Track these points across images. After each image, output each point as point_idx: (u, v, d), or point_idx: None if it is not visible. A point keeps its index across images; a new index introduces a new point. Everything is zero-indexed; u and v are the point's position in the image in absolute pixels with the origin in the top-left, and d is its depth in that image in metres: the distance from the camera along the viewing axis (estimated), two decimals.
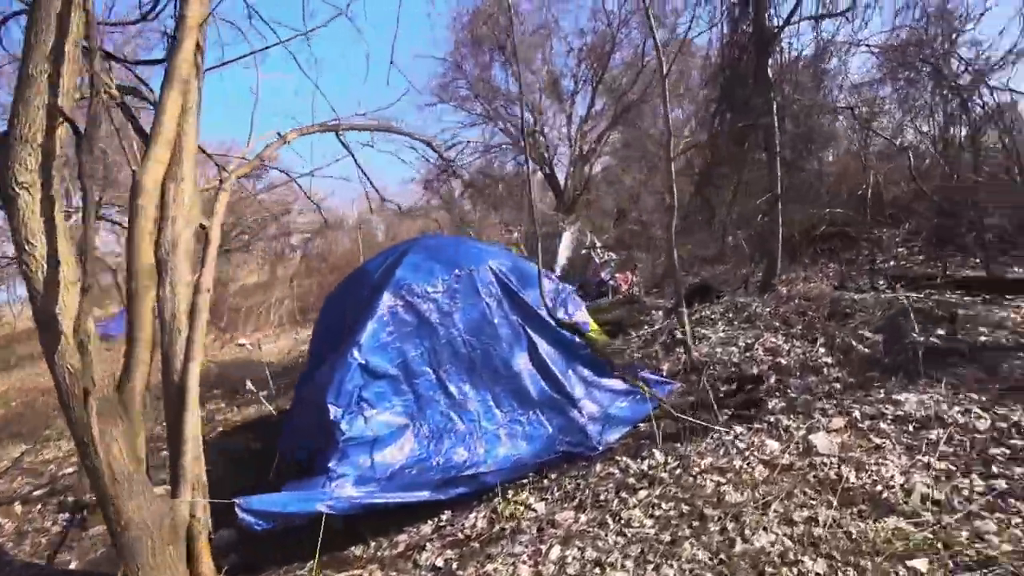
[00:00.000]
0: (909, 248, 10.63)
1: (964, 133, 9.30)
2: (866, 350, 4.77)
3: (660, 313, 7.08)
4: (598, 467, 4.02)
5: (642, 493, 3.51)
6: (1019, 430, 3.31)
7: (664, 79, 5.41)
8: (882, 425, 3.61)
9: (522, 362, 4.62)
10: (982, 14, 7.77)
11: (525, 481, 4.19)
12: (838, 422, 3.77)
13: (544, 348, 4.70)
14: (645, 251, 12.02)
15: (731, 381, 4.78)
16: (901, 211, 11.41)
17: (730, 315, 6.15)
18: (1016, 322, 5.36)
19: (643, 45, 13.30)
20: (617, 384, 4.85)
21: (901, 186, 10.01)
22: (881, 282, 8.17)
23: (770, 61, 7.70)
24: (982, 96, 8.17)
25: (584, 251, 11.47)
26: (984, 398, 3.72)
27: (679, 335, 6.14)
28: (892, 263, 10.04)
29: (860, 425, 3.67)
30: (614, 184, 13.50)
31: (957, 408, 3.63)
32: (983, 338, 4.90)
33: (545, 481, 4.12)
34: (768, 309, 5.94)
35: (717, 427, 3.98)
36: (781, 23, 7.71)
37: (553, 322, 4.58)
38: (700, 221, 9.95)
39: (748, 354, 5.14)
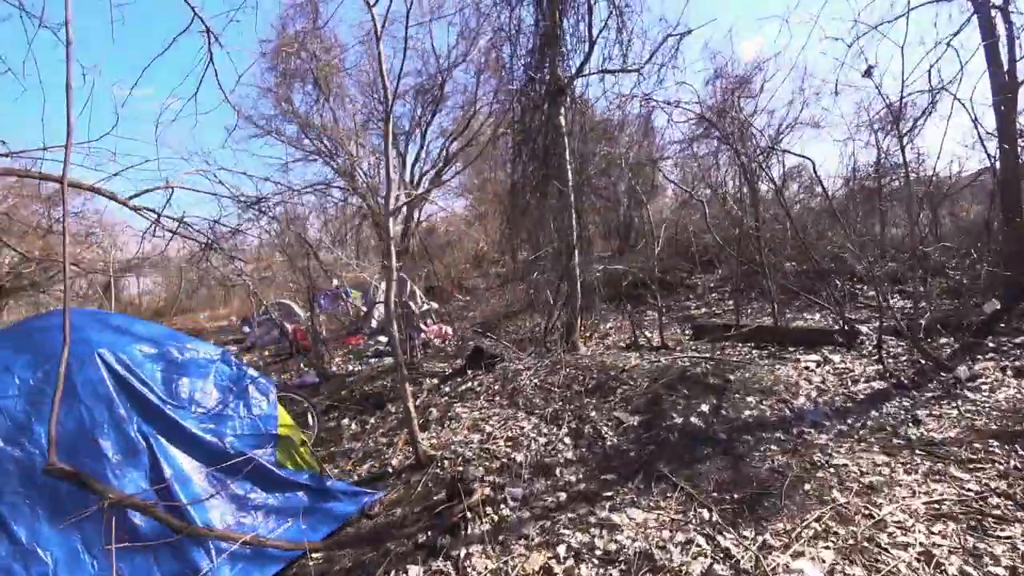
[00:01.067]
0: (720, 294, 10.45)
1: (763, 190, 9.39)
2: (615, 439, 3.75)
3: (435, 381, 5.83)
4: None
5: None
6: (738, 572, 2.30)
7: (388, 126, 4.31)
8: (582, 570, 2.48)
9: (135, 487, 3.10)
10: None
11: None
12: (536, 561, 2.61)
13: (175, 463, 3.21)
14: (473, 300, 10.93)
15: (452, 486, 3.54)
16: (714, 258, 11.35)
17: (497, 386, 5.01)
18: (789, 383, 4.67)
19: (475, 90, 12.47)
20: (297, 495, 3.49)
21: (708, 236, 9.75)
22: (687, 332, 7.60)
23: (563, 111, 7.01)
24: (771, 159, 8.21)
25: (403, 300, 10.12)
26: (716, 516, 2.73)
27: (436, 413, 4.92)
28: (704, 310, 9.73)
29: (557, 569, 2.53)
30: (438, 230, 12.48)
31: (680, 537, 2.59)
32: (748, 411, 4.08)
33: None
34: (536, 380, 4.86)
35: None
36: (572, 73, 7.07)
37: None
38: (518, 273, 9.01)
39: (488, 445, 3.96)
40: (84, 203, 11.78)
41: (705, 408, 4.06)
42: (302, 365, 8.02)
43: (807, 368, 5.11)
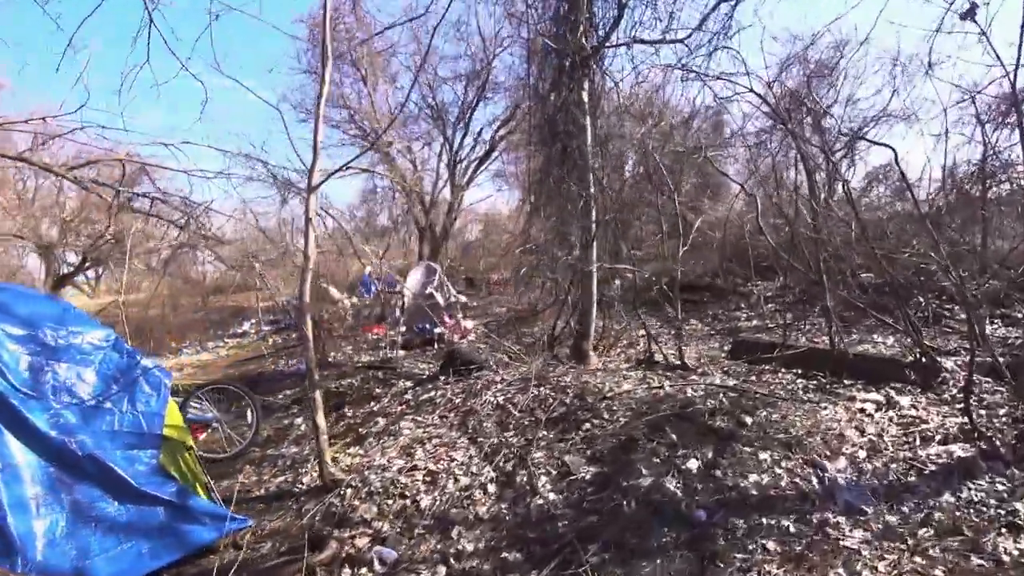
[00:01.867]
0: (777, 305, 8.77)
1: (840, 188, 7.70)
2: (551, 496, 2.63)
3: (407, 385, 4.91)
4: None
5: None
6: None
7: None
8: None
9: None
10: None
11: None
12: None
13: (9, 459, 2.64)
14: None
15: (341, 524, 2.63)
16: (775, 264, 9.63)
17: (458, 400, 4.00)
18: (831, 433, 3.33)
19: (528, 76, 11.36)
20: (155, 511, 2.78)
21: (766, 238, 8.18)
22: (725, 348, 6.22)
23: (586, 86, 5.83)
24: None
25: (429, 291, 9.30)
26: None
27: (381, 424, 4.01)
28: (755, 322, 8.16)
29: None
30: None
31: None
32: (756, 475, 2.82)
33: None
34: (501, 398, 3.80)
35: None
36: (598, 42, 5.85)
37: None
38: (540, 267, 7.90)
39: (404, 477, 2.99)
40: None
41: (693, 465, 2.84)
42: None
43: (862, 411, 3.71)
